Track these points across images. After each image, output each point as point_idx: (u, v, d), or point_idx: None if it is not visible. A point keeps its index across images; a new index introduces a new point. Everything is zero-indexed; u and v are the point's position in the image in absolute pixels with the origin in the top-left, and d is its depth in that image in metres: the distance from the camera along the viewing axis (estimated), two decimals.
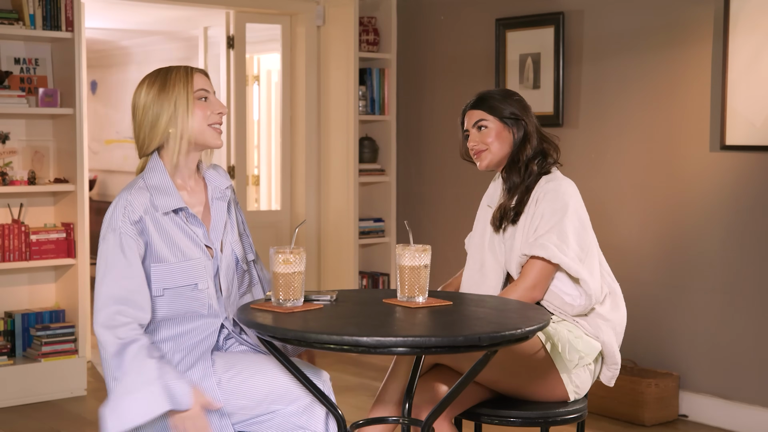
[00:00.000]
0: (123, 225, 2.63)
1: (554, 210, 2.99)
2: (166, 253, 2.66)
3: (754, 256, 4.52)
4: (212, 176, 2.84)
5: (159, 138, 2.71)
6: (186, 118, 2.69)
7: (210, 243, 2.75)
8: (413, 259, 2.65)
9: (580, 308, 2.98)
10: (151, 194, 2.68)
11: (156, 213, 2.66)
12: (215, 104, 2.75)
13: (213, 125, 2.74)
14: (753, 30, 4.44)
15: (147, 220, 2.65)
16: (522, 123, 3.12)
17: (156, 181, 2.70)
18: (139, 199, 2.66)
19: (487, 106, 3.15)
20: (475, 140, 3.16)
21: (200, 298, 2.70)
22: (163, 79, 2.71)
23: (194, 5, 6.00)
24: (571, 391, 2.97)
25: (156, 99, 2.69)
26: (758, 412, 4.52)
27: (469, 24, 5.79)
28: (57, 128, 5.23)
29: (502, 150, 3.13)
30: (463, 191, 5.84)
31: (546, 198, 3.01)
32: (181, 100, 2.69)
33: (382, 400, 3.01)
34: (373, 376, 5.44)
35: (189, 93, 2.70)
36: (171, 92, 2.69)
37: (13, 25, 4.93)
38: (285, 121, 6.39)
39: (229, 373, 2.68)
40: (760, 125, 4.44)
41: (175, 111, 2.68)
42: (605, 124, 5.07)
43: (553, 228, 2.96)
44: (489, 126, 3.14)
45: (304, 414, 2.67)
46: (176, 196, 2.70)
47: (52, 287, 5.30)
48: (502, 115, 3.12)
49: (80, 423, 4.71)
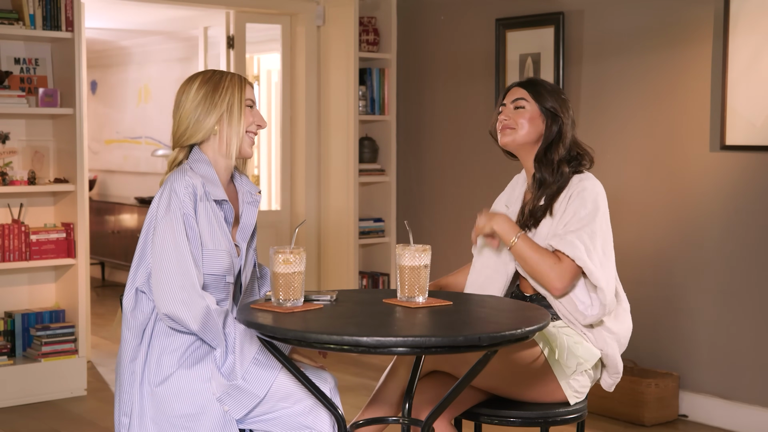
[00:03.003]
0: (186, 206, 2.70)
1: (587, 210, 2.94)
2: (207, 239, 2.73)
3: (754, 256, 4.52)
4: (244, 181, 2.94)
5: (203, 133, 2.80)
6: (233, 121, 2.80)
7: (236, 242, 2.84)
8: (413, 259, 2.65)
9: (592, 318, 2.93)
10: (203, 180, 2.76)
11: (207, 200, 2.75)
12: (258, 116, 2.87)
13: (250, 134, 2.86)
14: (753, 30, 4.44)
15: (200, 205, 2.74)
16: (559, 120, 3.06)
17: (204, 171, 2.79)
18: (197, 182, 2.74)
19: (533, 90, 3.09)
20: (508, 115, 3.09)
21: (225, 290, 2.78)
22: (217, 79, 2.83)
23: (194, 5, 6.00)
24: (570, 395, 2.96)
25: (209, 96, 2.79)
26: (758, 412, 4.52)
27: (469, 24, 5.79)
28: (57, 128, 5.23)
29: (528, 135, 3.07)
30: (463, 191, 5.84)
31: (580, 196, 2.96)
32: (235, 102, 2.80)
33: (378, 400, 3.00)
34: (373, 376, 5.44)
35: (242, 98, 2.82)
36: (225, 93, 2.80)
37: (13, 25, 4.93)
38: (285, 121, 6.39)
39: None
40: (760, 125, 4.44)
41: (228, 111, 2.79)
42: (605, 124, 5.07)
43: (584, 228, 2.91)
44: (526, 107, 3.08)
45: (310, 413, 2.70)
46: (221, 188, 2.80)
47: (52, 287, 5.30)
48: (543, 104, 3.07)
49: (80, 423, 4.71)
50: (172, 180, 2.73)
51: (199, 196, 2.73)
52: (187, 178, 2.72)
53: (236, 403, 2.67)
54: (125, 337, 2.76)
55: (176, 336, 2.72)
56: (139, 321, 2.74)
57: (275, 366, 2.69)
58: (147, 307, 2.73)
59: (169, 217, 2.68)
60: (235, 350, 2.67)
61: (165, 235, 2.67)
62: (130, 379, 2.73)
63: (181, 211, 2.68)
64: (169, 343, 2.71)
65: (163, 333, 2.72)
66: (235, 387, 2.66)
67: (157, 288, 2.66)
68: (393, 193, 6.28)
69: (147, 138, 8.93)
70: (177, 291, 2.64)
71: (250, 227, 2.87)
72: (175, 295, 2.63)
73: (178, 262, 2.65)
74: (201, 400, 2.69)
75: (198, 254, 2.69)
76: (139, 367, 2.72)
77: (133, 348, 2.74)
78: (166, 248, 2.66)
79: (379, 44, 6.24)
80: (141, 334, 2.74)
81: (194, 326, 2.64)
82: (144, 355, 2.73)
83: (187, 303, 2.63)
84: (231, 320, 2.70)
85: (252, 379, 2.66)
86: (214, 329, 2.66)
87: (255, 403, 2.67)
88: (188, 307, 2.63)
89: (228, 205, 2.80)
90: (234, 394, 2.66)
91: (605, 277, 2.90)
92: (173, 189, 2.71)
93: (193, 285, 2.64)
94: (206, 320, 2.64)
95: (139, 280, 2.74)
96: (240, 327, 2.69)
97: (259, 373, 2.67)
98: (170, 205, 2.69)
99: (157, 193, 2.76)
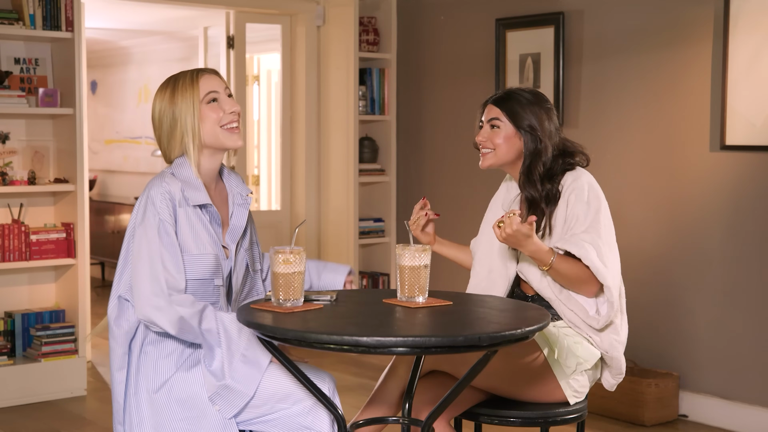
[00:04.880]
0: (162, 212, 2.67)
1: (589, 207, 2.93)
2: (190, 244, 2.71)
3: (754, 256, 4.52)
4: (234, 182, 2.90)
5: (178, 146, 2.76)
6: (196, 125, 2.73)
7: (226, 244, 2.81)
8: (413, 259, 2.64)
9: (605, 319, 2.91)
10: (182, 185, 2.73)
11: (186, 205, 2.72)
12: (226, 104, 2.77)
13: (226, 126, 2.77)
14: (753, 30, 4.44)
15: (179, 210, 2.71)
16: (537, 137, 3.01)
17: (185, 175, 2.76)
18: (174, 188, 2.71)
19: (508, 108, 3.03)
20: (485, 136, 3.06)
21: (214, 294, 2.76)
22: (172, 87, 2.76)
23: (194, 5, 6.00)
24: (570, 395, 2.95)
25: (168, 109, 2.75)
26: (758, 412, 4.52)
27: (469, 24, 5.79)
28: (57, 128, 5.23)
29: (507, 155, 3.04)
30: (463, 191, 5.84)
31: (579, 197, 2.94)
32: (188, 107, 2.72)
33: (377, 399, 3.00)
34: (373, 376, 5.44)
35: (195, 99, 2.73)
36: (179, 101, 2.73)
37: (13, 25, 4.93)
38: (285, 121, 6.39)
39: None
40: (760, 125, 4.44)
41: (185, 120, 2.73)
42: (605, 124, 5.07)
43: (591, 226, 2.90)
44: (502, 128, 3.04)
45: (309, 414, 2.69)
46: (204, 192, 2.75)
47: (52, 287, 5.30)
48: (518, 123, 3.02)
49: (80, 423, 4.71)
50: (149, 187, 2.72)
51: (178, 201, 2.70)
52: (164, 184, 2.70)
53: (226, 402, 2.66)
54: (111, 346, 2.75)
55: (169, 340, 2.72)
56: (124, 329, 2.72)
57: (263, 362, 2.67)
58: (132, 315, 2.72)
59: (144, 224, 2.67)
60: (222, 346, 2.65)
61: (140, 243, 2.67)
62: (118, 389, 2.73)
63: (156, 218, 2.66)
64: (163, 347, 2.71)
65: (156, 339, 2.72)
66: (224, 386, 2.65)
67: (134, 294, 2.66)
68: (393, 193, 6.28)
69: (147, 138, 8.94)
70: (151, 297, 2.63)
71: (239, 229, 2.84)
72: (149, 300, 2.63)
73: (151, 268, 2.64)
74: (201, 403, 2.68)
75: (175, 260, 2.66)
76: (132, 376, 2.71)
77: (119, 357, 2.73)
78: (141, 255, 2.65)
79: (379, 44, 6.24)
80: (127, 343, 2.73)
81: (171, 330, 2.63)
82: (136, 363, 2.72)
83: (161, 308, 2.62)
84: (211, 315, 2.66)
85: (240, 378, 2.65)
86: (192, 331, 2.64)
87: (245, 402, 2.66)
88: (162, 313, 2.62)
89: (212, 208, 2.77)
90: (224, 393, 2.66)
91: (611, 274, 2.90)
92: (149, 197, 2.69)
93: (163, 291, 2.63)
94: (181, 324, 2.63)
95: (122, 287, 2.73)
96: (225, 319, 2.67)
97: (247, 371, 2.66)
98: (146, 212, 2.68)
99: (137, 200, 2.75)
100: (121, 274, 2.74)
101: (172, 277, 2.65)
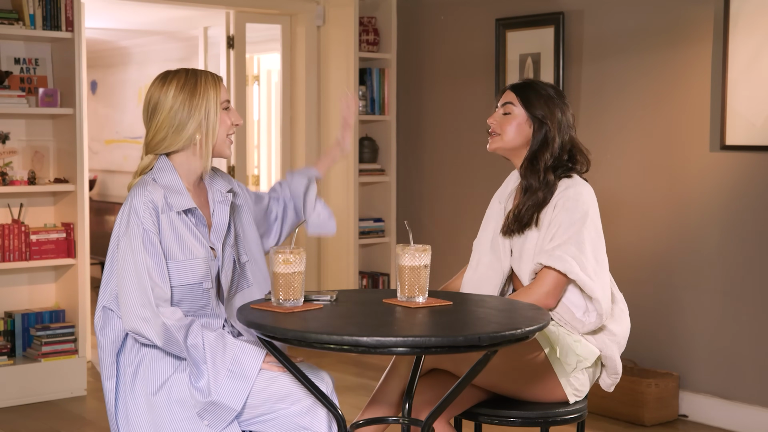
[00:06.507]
0: (146, 221, 2.66)
1: (573, 219, 2.93)
2: (176, 251, 2.70)
3: (754, 256, 4.52)
4: (213, 180, 2.88)
5: (183, 142, 2.75)
6: (213, 128, 2.75)
7: (212, 244, 2.80)
8: (413, 259, 2.65)
9: (590, 326, 2.94)
10: (165, 192, 2.71)
11: (170, 211, 2.71)
12: (235, 115, 2.82)
13: (229, 135, 2.82)
14: (753, 30, 4.44)
15: (162, 218, 2.70)
16: (546, 127, 3.05)
17: (167, 181, 2.75)
18: (156, 195, 2.70)
19: (523, 95, 3.08)
20: (496, 120, 3.11)
21: (204, 297, 2.76)
22: (192, 83, 2.74)
23: (194, 5, 6.00)
24: (570, 394, 2.96)
25: (186, 104, 2.72)
26: (758, 412, 4.52)
27: (469, 24, 5.80)
28: (57, 128, 5.23)
29: (514, 141, 3.08)
30: (463, 191, 5.84)
31: (565, 206, 2.95)
32: (213, 108, 2.74)
33: (378, 399, 3.00)
34: (373, 376, 5.44)
35: (218, 102, 2.76)
36: (203, 99, 2.73)
37: (13, 25, 4.93)
38: (285, 121, 6.39)
39: None
40: (760, 125, 4.44)
41: (207, 119, 2.73)
42: (605, 124, 5.07)
43: (572, 239, 2.91)
44: (513, 113, 3.08)
45: (307, 414, 2.68)
46: (187, 196, 2.75)
47: (52, 287, 5.30)
48: (531, 111, 3.06)
49: (80, 423, 4.71)
50: (132, 196, 2.71)
51: (161, 209, 2.69)
52: (147, 192, 2.69)
53: (214, 417, 2.65)
54: (99, 356, 2.75)
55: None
56: (110, 339, 2.72)
57: (251, 374, 2.66)
58: (118, 325, 2.72)
59: (128, 235, 2.66)
60: (207, 362, 2.64)
61: (125, 254, 2.66)
62: (110, 397, 2.73)
63: (140, 228, 2.65)
64: (158, 349, 2.70)
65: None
66: (211, 403, 2.64)
67: (121, 306, 2.65)
68: (393, 193, 6.28)
69: None
70: (138, 308, 2.62)
71: (223, 227, 2.83)
72: (136, 311, 2.62)
73: (137, 279, 2.63)
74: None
75: (160, 270, 2.66)
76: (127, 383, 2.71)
77: (107, 366, 2.72)
78: (127, 267, 2.64)
79: (379, 44, 6.24)
80: (114, 352, 2.72)
81: (158, 342, 2.63)
82: (132, 368, 2.71)
83: (147, 320, 2.62)
84: (197, 331, 2.66)
85: (227, 393, 2.63)
86: (177, 344, 2.64)
87: (233, 416, 2.65)
88: (149, 324, 2.62)
89: (197, 211, 2.77)
90: (211, 409, 2.64)
91: (600, 286, 2.91)
92: (132, 206, 2.68)
93: (150, 302, 2.62)
94: (167, 336, 2.62)
95: (107, 298, 2.72)
96: (210, 337, 2.66)
97: (233, 385, 2.64)
98: (129, 222, 2.67)
99: (120, 209, 2.73)
100: (105, 285, 2.73)
101: (159, 287, 2.65)
